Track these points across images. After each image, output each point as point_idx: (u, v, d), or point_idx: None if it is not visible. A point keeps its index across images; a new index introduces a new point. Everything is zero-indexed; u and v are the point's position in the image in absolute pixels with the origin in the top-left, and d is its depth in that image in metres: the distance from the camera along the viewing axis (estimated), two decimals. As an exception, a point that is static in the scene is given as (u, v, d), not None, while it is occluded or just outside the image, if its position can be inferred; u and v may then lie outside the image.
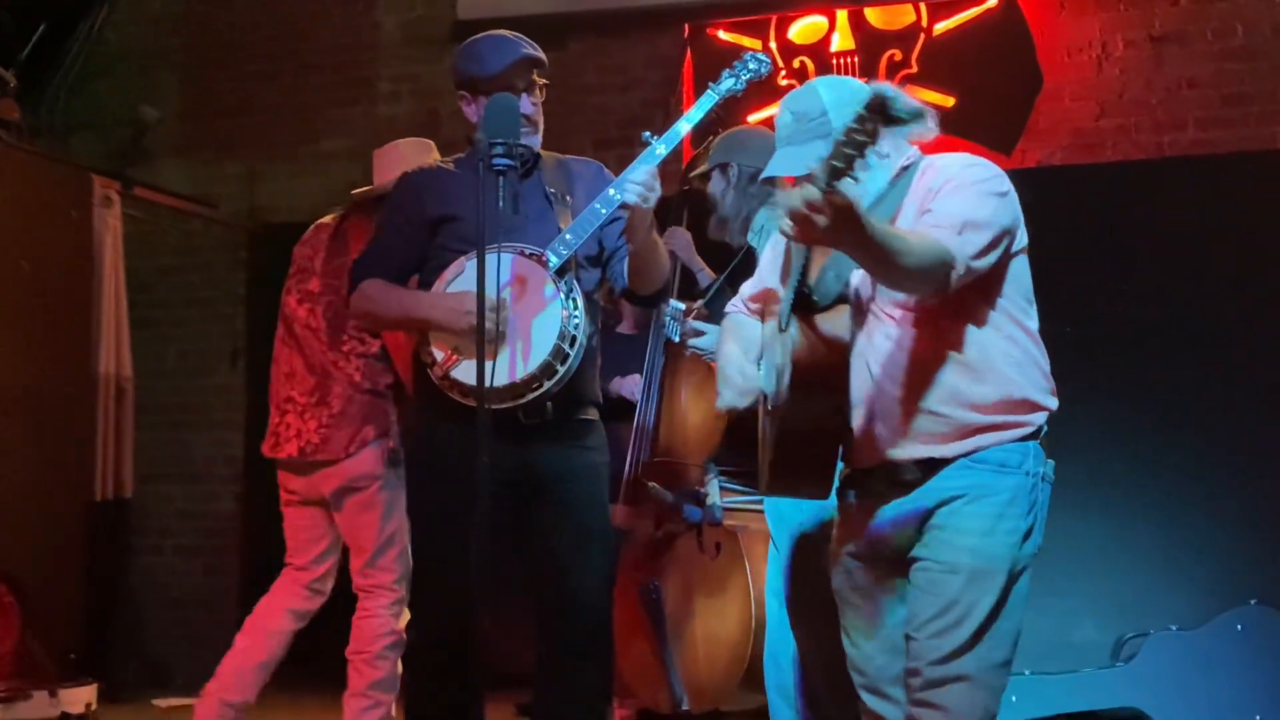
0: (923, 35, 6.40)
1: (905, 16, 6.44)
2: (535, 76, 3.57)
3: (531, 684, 3.57)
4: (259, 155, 7.41)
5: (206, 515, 7.36)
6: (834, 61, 6.41)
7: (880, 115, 2.37)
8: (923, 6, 6.41)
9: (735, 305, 3.26)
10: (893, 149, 2.94)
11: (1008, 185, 2.88)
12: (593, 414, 3.59)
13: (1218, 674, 5.29)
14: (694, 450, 4.55)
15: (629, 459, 4.62)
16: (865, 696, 3.00)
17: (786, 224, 2.49)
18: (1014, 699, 5.48)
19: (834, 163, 2.40)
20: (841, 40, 6.48)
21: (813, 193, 2.42)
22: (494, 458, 2.96)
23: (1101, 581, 5.76)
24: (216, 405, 7.42)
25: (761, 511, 4.52)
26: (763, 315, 3.15)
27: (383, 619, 4.41)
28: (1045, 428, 2.89)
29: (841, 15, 6.49)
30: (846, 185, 2.42)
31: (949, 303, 2.80)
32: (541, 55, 3.58)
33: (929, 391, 2.83)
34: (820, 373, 2.87)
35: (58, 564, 6.31)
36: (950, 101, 6.31)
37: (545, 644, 3.51)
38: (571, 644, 3.47)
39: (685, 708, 4.46)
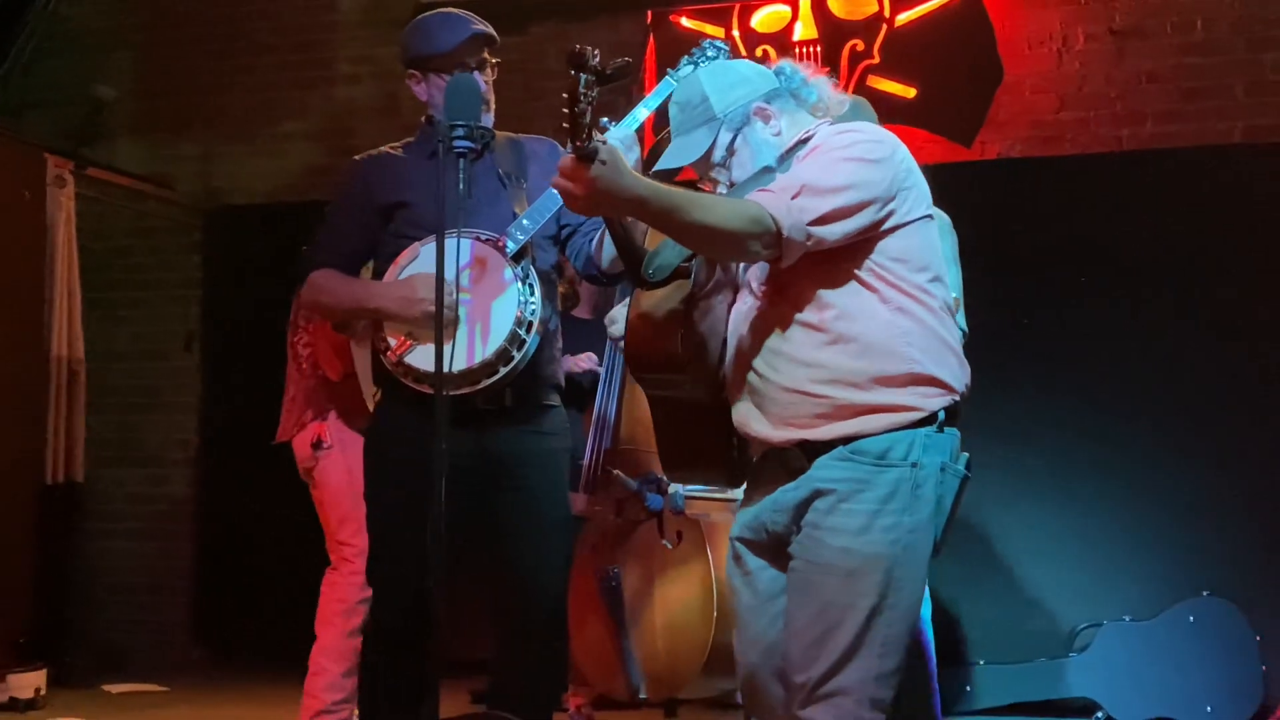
0: (885, 26, 6.41)
1: (868, 7, 6.44)
2: (487, 54, 3.50)
3: (486, 670, 3.55)
4: (215, 136, 7.34)
5: (159, 499, 7.30)
6: (796, 50, 6.39)
7: (583, 71, 2.31)
8: (885, -3, 6.42)
9: None
10: (788, 127, 2.86)
11: (884, 152, 2.71)
12: (554, 399, 3.55)
13: (1170, 664, 5.34)
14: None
15: (589, 446, 4.60)
16: (747, 683, 2.88)
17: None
18: (969, 689, 5.52)
19: (567, 125, 2.33)
20: (804, 29, 6.48)
21: (565, 159, 2.37)
22: (451, 443, 2.92)
23: (1055, 572, 5.79)
24: (170, 389, 7.36)
25: (725, 501, 4.53)
26: None
27: (346, 587, 4.43)
28: (943, 414, 2.70)
29: (804, 4, 6.48)
30: (602, 149, 2.36)
31: (816, 275, 2.68)
32: (493, 33, 3.51)
33: (800, 370, 2.69)
34: (657, 350, 2.77)
35: (7, 548, 6.24)
36: (911, 92, 6.33)
37: (501, 630, 3.48)
38: (527, 630, 3.44)
39: (643, 696, 4.46)
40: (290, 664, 6.46)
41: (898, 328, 2.68)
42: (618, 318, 3.05)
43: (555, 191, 3.35)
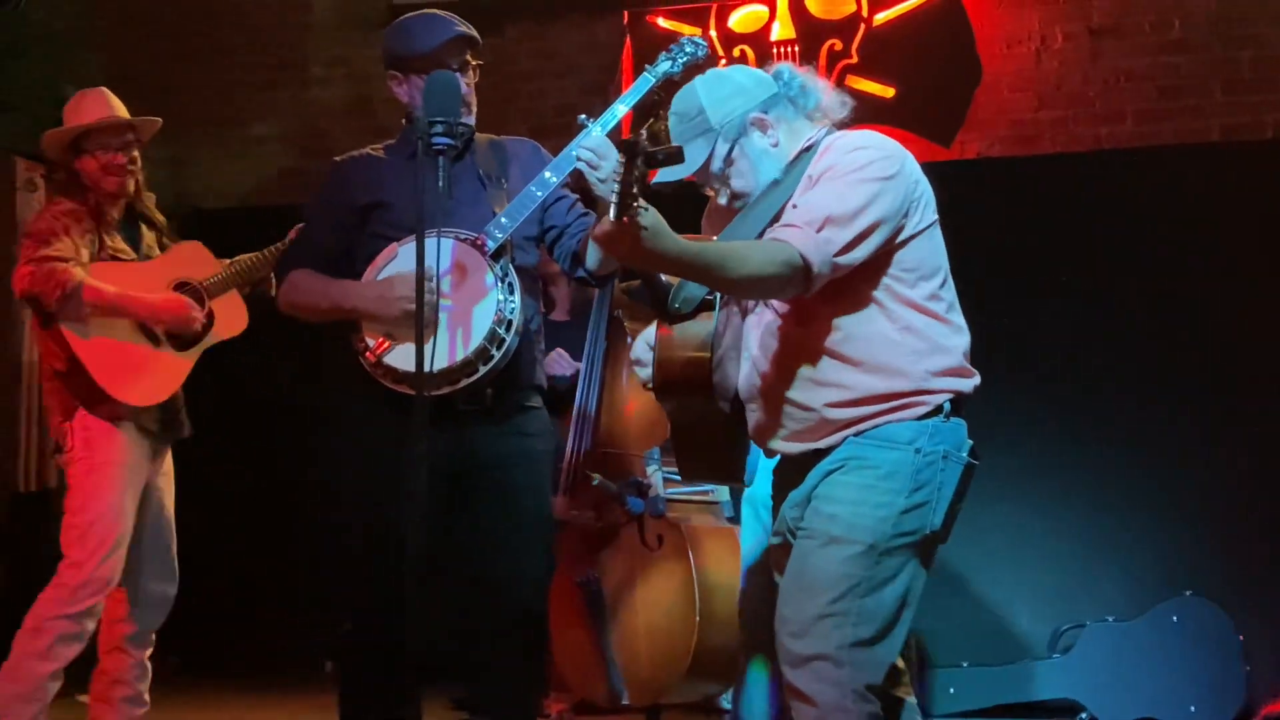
0: (863, 25, 6.39)
1: (846, 6, 6.43)
2: (469, 56, 3.49)
3: (466, 676, 3.52)
4: (186, 139, 7.25)
5: (132, 507, 7.21)
6: (774, 50, 6.38)
7: (634, 158, 2.38)
8: (863, -4, 6.40)
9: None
10: (786, 135, 2.92)
11: (895, 168, 2.77)
12: (535, 400, 3.53)
13: (1153, 665, 5.33)
14: (637, 440, 4.51)
15: (569, 448, 4.56)
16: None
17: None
18: (952, 690, 5.50)
19: (616, 200, 2.41)
20: (782, 29, 6.46)
21: (606, 224, 2.45)
22: (431, 444, 2.89)
23: (1038, 573, 5.78)
24: (142, 395, 7.27)
25: (706, 504, 4.49)
26: None
27: (44, 602, 4.17)
28: (948, 405, 2.78)
29: (782, 4, 6.46)
30: (645, 215, 2.45)
31: (829, 295, 2.75)
32: (475, 34, 3.51)
33: (813, 389, 2.79)
34: (685, 378, 2.89)
35: (-23, 556, 6.16)
36: (890, 92, 6.32)
37: (480, 634, 3.44)
38: (506, 635, 3.41)
39: (625, 701, 4.42)
40: (261, 672, 6.43)
41: (906, 346, 2.77)
42: (644, 359, 3.05)
43: (535, 190, 3.36)
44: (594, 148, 3.26)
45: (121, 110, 4.39)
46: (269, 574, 6.68)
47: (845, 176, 2.75)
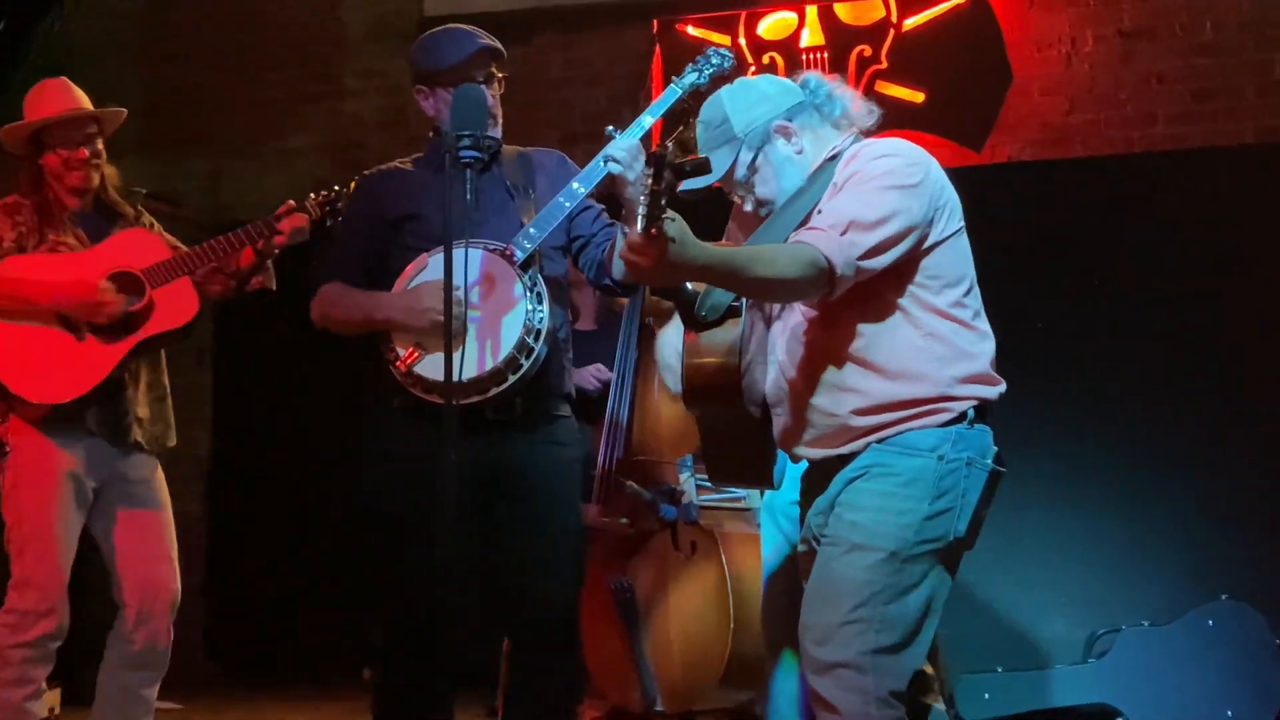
0: (892, 31, 6.40)
1: (875, 12, 6.43)
2: (494, 69, 3.52)
3: (499, 683, 3.55)
4: (223, 152, 7.35)
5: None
6: (804, 57, 6.39)
7: (661, 170, 2.38)
8: (892, 2, 6.41)
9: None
10: (811, 143, 2.94)
11: (920, 175, 2.79)
12: (564, 409, 3.55)
13: (1189, 669, 5.29)
14: (669, 447, 4.52)
15: (601, 456, 4.58)
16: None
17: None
18: (986, 696, 5.48)
19: (644, 212, 2.42)
20: (811, 36, 6.47)
21: (634, 237, 2.45)
22: (460, 453, 2.92)
23: (1073, 577, 5.75)
24: (182, 404, 7.31)
25: (738, 510, 4.50)
26: None
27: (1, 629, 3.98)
28: (973, 412, 2.78)
29: (811, 11, 6.47)
30: (671, 225, 2.45)
31: (853, 301, 2.76)
32: (500, 47, 3.54)
33: (837, 394, 2.80)
34: (713, 384, 2.91)
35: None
36: (920, 97, 6.32)
37: (513, 642, 3.49)
38: (539, 643, 3.44)
39: (659, 708, 4.43)
40: (301, 679, 6.47)
41: (930, 353, 2.77)
42: (671, 366, 3.08)
43: (562, 201, 3.40)
44: (625, 150, 3.30)
45: (84, 101, 4.18)
46: (309, 580, 6.74)
47: (870, 183, 2.76)
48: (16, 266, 3.97)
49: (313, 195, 3.96)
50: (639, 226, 2.43)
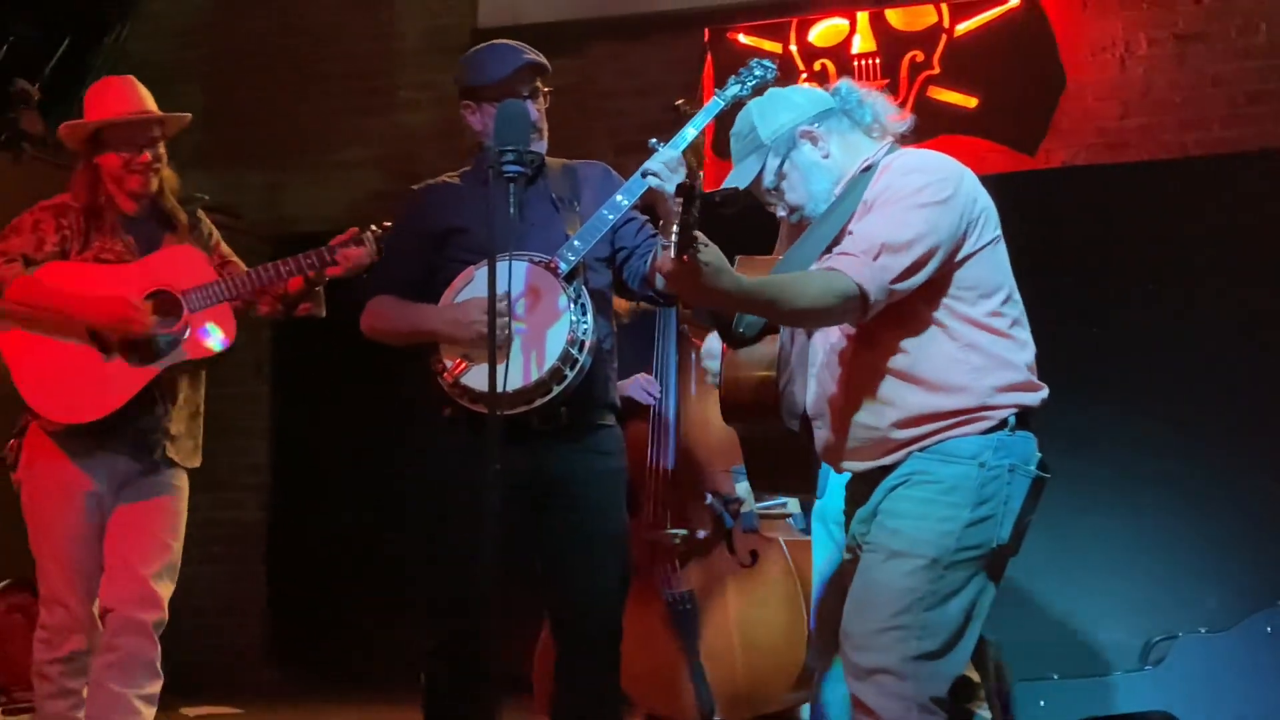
0: (944, 36, 6.38)
1: (927, 17, 6.42)
2: (539, 84, 3.57)
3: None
4: (281, 165, 7.45)
5: (231, 524, 7.38)
6: (855, 64, 6.40)
7: (691, 200, 2.40)
8: (944, 7, 6.39)
9: None
10: (840, 148, 2.95)
11: (951, 189, 2.79)
12: (609, 419, 3.57)
13: (1248, 676, 5.23)
14: (719, 455, 4.50)
15: (651, 464, 4.57)
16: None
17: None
18: (1041, 703, 5.45)
19: (676, 239, 2.43)
20: (862, 42, 6.47)
21: (667, 260, 2.47)
22: (506, 463, 2.95)
23: (1130, 583, 5.72)
24: (241, 414, 7.45)
25: (780, 516, 4.50)
26: None
27: (36, 644, 3.93)
28: (1013, 419, 2.78)
29: (862, 17, 6.47)
30: (704, 252, 2.47)
31: (890, 316, 2.76)
32: (544, 62, 3.58)
33: (867, 405, 2.81)
34: (752, 399, 2.92)
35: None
36: (973, 102, 6.30)
37: (558, 650, 3.51)
38: (582, 652, 3.47)
39: (717, 718, 4.42)
40: (361, 685, 6.53)
41: (969, 364, 2.77)
42: (714, 352, 3.09)
43: (606, 213, 3.43)
44: (665, 163, 3.33)
45: (150, 103, 4.06)
46: (367, 586, 6.80)
47: (900, 202, 2.77)
48: (55, 274, 3.87)
49: (374, 228, 3.89)
50: (671, 253, 2.45)
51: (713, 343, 3.08)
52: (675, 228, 2.42)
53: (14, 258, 3.85)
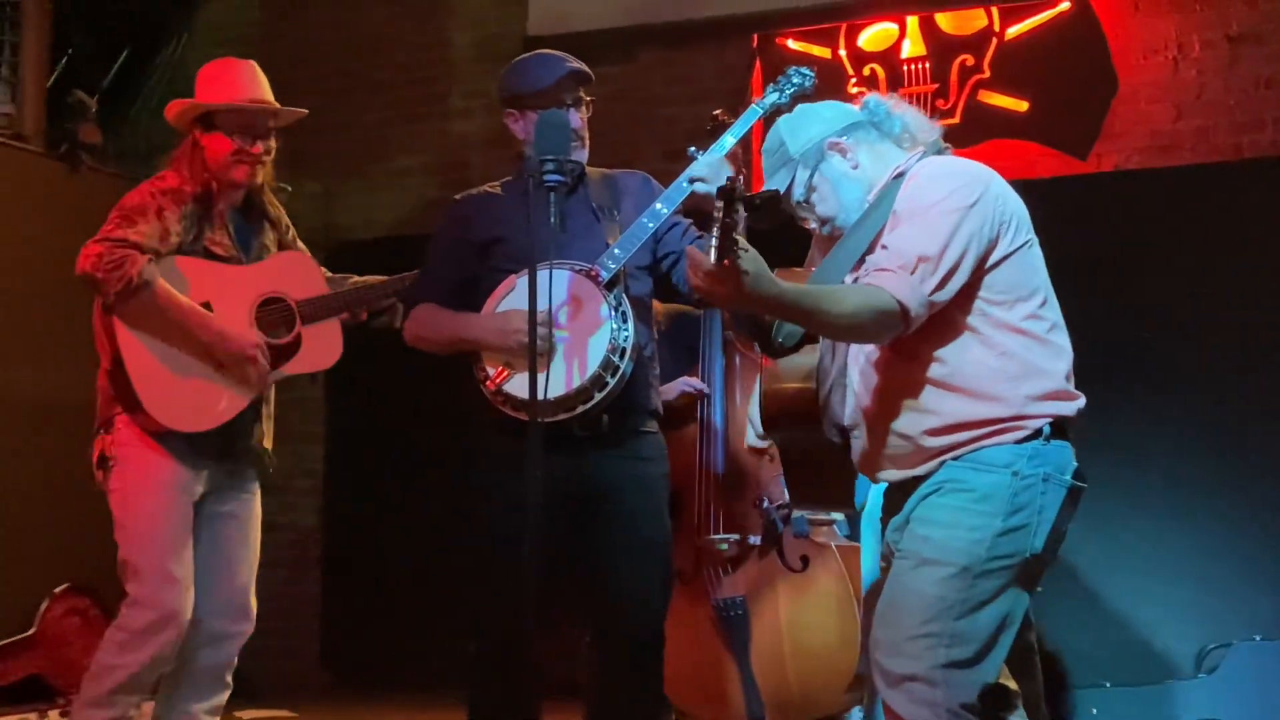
0: (995, 40, 6.35)
1: (977, 21, 6.39)
2: (582, 93, 3.60)
3: (586, 696, 3.60)
4: (335, 173, 7.51)
5: (287, 527, 7.45)
6: (905, 68, 6.38)
7: (732, 203, 2.41)
8: (994, 11, 6.35)
9: None
10: (869, 159, 2.97)
11: (976, 193, 2.79)
12: (651, 425, 3.60)
13: (1302, 685, 5.20)
14: (772, 460, 4.50)
15: (701, 469, 4.57)
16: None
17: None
18: (1094, 711, 5.42)
19: (715, 243, 2.45)
20: (912, 47, 6.45)
21: (709, 267, 2.49)
22: (548, 469, 2.97)
23: (1181, 591, 5.66)
24: (296, 419, 7.51)
25: (826, 522, 4.49)
26: None
27: (106, 644, 3.80)
28: (1048, 429, 2.77)
29: (912, 22, 6.45)
30: (745, 258, 2.49)
31: (925, 325, 2.77)
32: (588, 70, 3.62)
33: (901, 414, 2.82)
34: (792, 409, 2.95)
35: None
36: (1024, 106, 6.27)
37: (600, 655, 3.54)
38: (623, 658, 3.49)
39: (764, 724, 4.42)
40: (413, 689, 6.58)
41: (1004, 372, 2.77)
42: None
43: (646, 221, 3.45)
44: (708, 166, 3.35)
45: (268, 92, 3.96)
46: (421, 590, 6.85)
47: (929, 211, 2.78)
48: (189, 271, 3.75)
49: None
50: (712, 258, 2.47)
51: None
52: (715, 231, 2.44)
53: (145, 248, 3.66)
